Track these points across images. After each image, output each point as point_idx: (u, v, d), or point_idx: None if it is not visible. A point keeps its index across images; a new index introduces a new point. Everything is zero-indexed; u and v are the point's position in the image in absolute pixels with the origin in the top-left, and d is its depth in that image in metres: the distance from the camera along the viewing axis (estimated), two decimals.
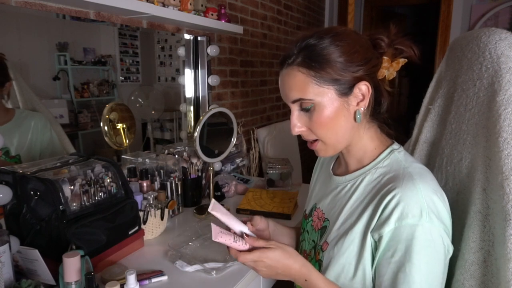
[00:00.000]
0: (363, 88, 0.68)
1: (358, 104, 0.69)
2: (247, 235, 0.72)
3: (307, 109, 0.69)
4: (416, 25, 4.99)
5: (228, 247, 0.70)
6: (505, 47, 0.65)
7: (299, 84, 0.67)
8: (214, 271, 0.90)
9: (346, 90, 0.67)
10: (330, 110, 0.68)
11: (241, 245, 0.69)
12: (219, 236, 0.68)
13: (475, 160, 0.69)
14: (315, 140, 0.72)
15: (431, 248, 0.62)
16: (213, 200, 0.73)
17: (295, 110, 0.71)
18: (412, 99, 4.84)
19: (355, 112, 0.69)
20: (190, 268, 0.91)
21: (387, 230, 0.63)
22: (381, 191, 0.67)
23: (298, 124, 0.71)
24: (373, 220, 0.66)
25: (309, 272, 0.69)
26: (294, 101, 0.70)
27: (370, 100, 0.70)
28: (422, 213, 0.61)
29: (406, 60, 0.72)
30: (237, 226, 0.73)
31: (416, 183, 0.64)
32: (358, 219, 0.69)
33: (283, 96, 0.72)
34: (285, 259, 0.68)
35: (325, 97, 0.67)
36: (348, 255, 0.69)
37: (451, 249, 0.66)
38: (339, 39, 0.67)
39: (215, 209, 0.71)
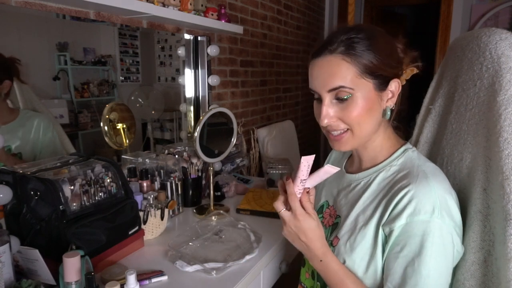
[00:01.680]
0: (394, 85, 0.70)
1: (387, 101, 0.71)
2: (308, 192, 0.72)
3: (344, 98, 0.68)
4: (416, 25, 4.99)
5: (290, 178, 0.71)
6: (505, 47, 0.65)
7: (342, 72, 0.67)
8: (214, 271, 0.90)
9: (382, 86, 0.69)
10: (367, 102, 0.68)
11: (297, 190, 0.70)
12: (305, 165, 0.67)
13: (475, 160, 0.69)
14: (343, 133, 0.72)
15: (440, 245, 0.62)
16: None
17: (327, 99, 0.70)
18: (412, 99, 4.82)
19: (384, 109, 0.71)
20: (190, 268, 0.91)
21: (398, 225, 0.64)
22: (394, 187, 0.68)
23: (330, 113, 0.70)
24: (385, 215, 0.67)
25: (327, 253, 0.71)
26: (332, 89, 0.68)
27: (398, 99, 0.72)
28: (434, 210, 0.62)
29: (417, 70, 0.74)
30: (313, 183, 0.72)
31: (430, 181, 0.65)
32: (371, 215, 0.70)
33: (318, 84, 0.70)
34: (313, 233, 0.70)
35: (365, 89, 0.68)
36: (360, 250, 0.69)
37: (461, 249, 0.67)
38: (380, 36, 0.69)
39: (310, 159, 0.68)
